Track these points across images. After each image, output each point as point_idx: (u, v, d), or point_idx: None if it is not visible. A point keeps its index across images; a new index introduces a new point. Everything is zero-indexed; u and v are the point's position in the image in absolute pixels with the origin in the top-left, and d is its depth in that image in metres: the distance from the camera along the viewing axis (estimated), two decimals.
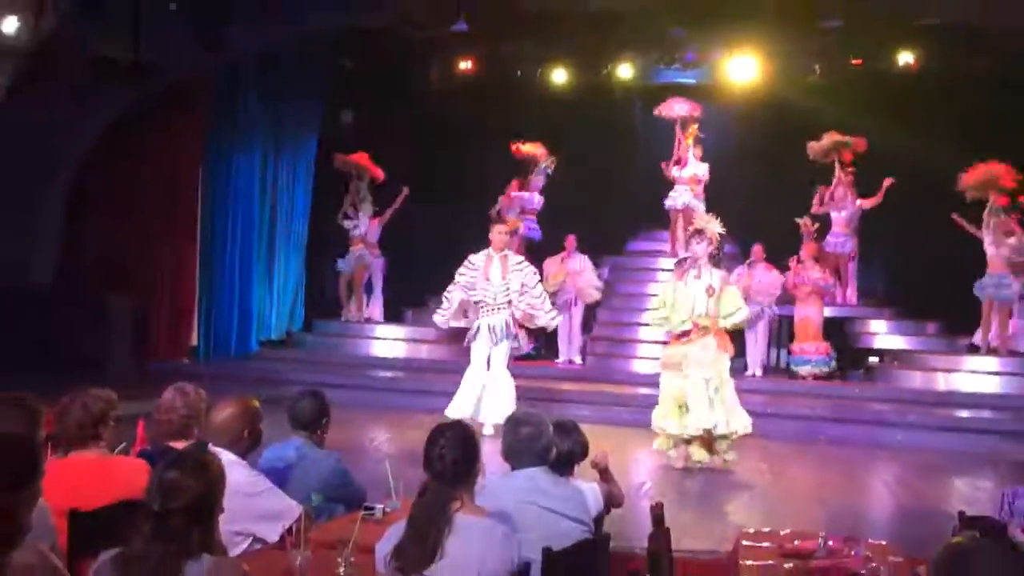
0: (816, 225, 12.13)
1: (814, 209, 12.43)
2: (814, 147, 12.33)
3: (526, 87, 13.59)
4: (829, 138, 12.20)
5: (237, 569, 2.37)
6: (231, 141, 12.46)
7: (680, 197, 13.04)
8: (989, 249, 11.09)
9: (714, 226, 7.76)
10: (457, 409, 8.55)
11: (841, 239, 12.48)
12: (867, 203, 12.43)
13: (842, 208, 12.45)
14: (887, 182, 12.09)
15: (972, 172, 11.03)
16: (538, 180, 13.59)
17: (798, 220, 12.09)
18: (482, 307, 8.89)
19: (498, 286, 8.83)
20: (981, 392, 10.72)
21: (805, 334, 11.53)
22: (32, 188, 11.14)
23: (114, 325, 11.06)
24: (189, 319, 12.10)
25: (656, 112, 13.18)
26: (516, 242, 12.63)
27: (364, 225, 12.99)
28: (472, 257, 9.05)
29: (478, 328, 8.90)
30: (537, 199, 13.54)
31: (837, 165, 12.39)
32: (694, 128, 13.07)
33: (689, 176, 13.04)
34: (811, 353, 11.45)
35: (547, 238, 13.21)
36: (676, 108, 13.03)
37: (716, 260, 7.94)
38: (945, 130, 12.00)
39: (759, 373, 11.59)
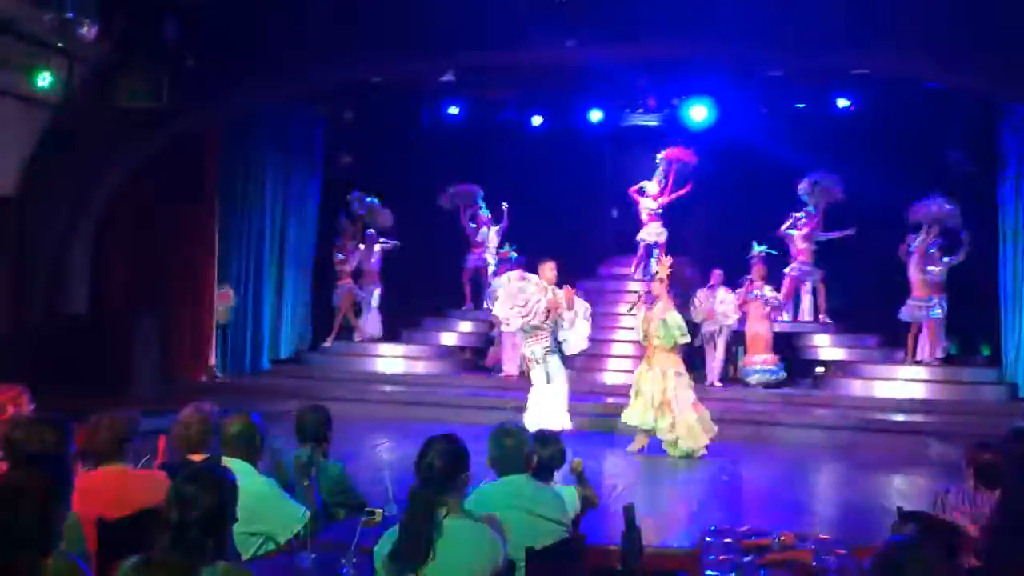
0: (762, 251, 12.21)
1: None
2: None
3: (508, 130, 13.65)
4: None
5: (247, 575, 2.34)
6: (244, 178, 12.42)
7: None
8: (915, 274, 11.16)
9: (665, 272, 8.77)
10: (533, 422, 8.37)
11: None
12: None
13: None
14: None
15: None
16: (481, 216, 13.67)
17: (759, 249, 12.19)
18: (537, 333, 8.73)
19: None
20: (915, 398, 10.77)
21: (756, 347, 11.55)
22: (65, 225, 11.07)
23: (139, 346, 10.95)
24: (208, 340, 12.00)
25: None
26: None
27: (355, 259, 12.95)
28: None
29: (531, 353, 8.75)
30: (482, 232, 13.59)
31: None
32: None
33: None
34: (759, 364, 11.47)
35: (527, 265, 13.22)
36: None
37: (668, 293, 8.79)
38: (878, 165, 12.12)
39: (718, 383, 11.58)
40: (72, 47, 9.50)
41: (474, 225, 13.67)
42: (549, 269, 8.84)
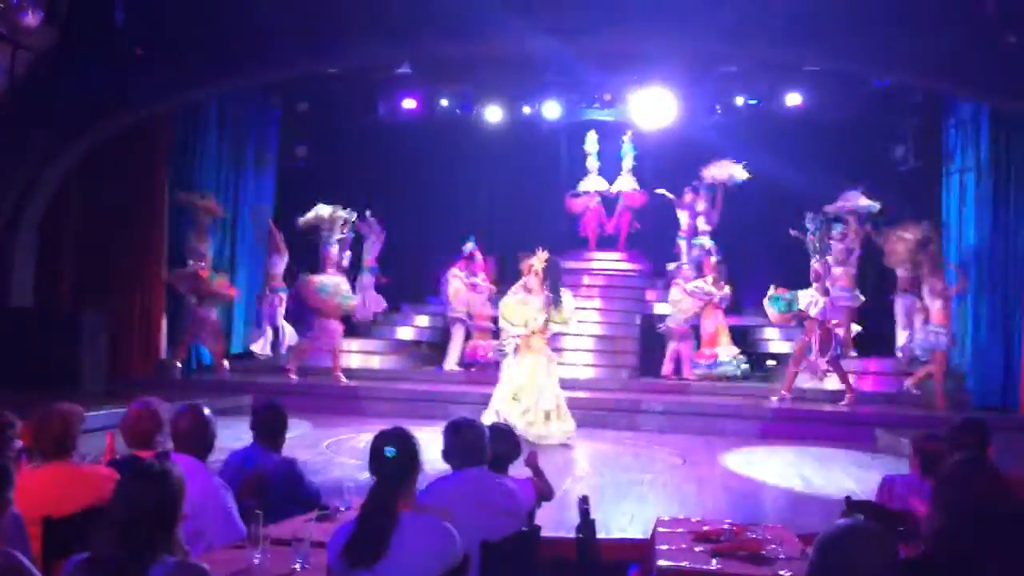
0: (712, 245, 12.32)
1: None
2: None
3: (464, 122, 13.61)
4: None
5: (198, 570, 2.30)
6: (194, 169, 12.22)
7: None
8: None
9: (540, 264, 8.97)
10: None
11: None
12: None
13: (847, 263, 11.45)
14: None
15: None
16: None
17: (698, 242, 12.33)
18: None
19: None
20: (864, 390, 10.97)
21: (708, 342, 11.71)
22: (9, 217, 10.79)
23: (87, 341, 10.71)
24: (158, 335, 11.77)
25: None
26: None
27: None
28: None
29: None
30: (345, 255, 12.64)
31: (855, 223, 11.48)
32: None
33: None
34: (701, 359, 11.62)
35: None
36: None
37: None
38: (827, 160, 12.31)
39: (672, 377, 11.76)
40: (15, 34, 9.25)
41: (334, 246, 12.55)
42: (540, 260, 9.07)
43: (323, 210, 12.16)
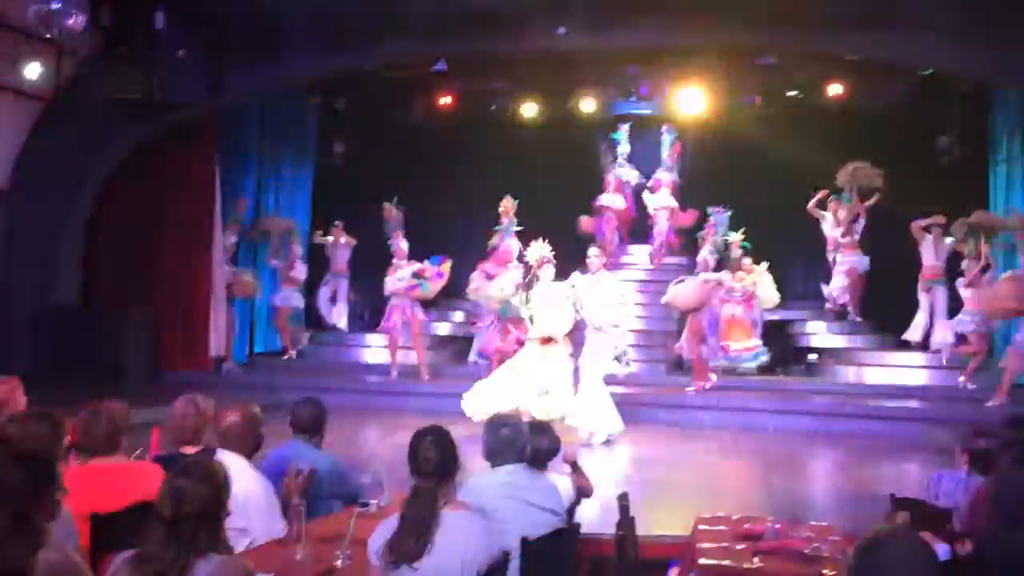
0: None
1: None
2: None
3: (500, 119, 13.60)
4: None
5: (242, 567, 2.34)
6: (236, 168, 12.35)
7: None
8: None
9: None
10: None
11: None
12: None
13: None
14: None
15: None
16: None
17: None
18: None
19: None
20: (908, 384, 10.79)
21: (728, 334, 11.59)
22: (56, 217, 11.01)
23: (133, 339, 10.91)
24: (203, 332, 11.91)
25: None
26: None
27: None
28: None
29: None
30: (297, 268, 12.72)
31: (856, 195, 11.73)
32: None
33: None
34: (737, 351, 11.50)
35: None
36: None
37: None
38: (870, 152, 12.10)
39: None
40: (60, 39, 9.43)
41: (281, 262, 12.51)
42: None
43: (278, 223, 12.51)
